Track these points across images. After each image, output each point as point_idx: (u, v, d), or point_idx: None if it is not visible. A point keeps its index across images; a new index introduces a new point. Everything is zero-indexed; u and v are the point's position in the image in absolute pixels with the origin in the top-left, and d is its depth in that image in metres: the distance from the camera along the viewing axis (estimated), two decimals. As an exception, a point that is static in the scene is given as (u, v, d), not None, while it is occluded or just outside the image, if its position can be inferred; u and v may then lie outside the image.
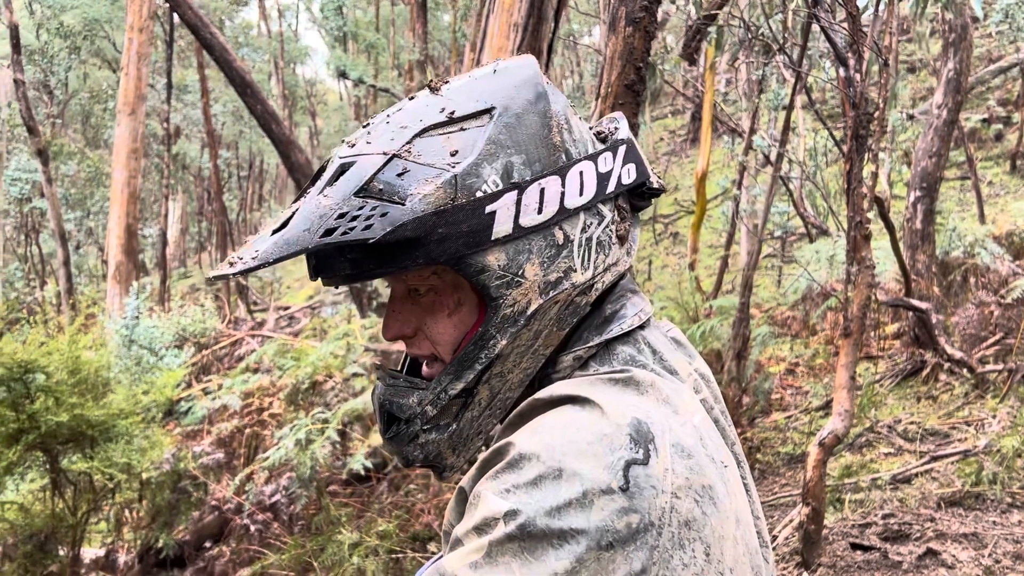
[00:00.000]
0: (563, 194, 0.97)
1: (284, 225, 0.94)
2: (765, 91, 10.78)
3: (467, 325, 1.01)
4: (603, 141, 1.06)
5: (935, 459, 5.33)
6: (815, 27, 6.14)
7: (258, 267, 0.93)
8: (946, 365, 6.47)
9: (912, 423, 5.99)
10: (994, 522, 4.43)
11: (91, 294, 15.55)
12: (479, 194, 0.94)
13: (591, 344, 1.02)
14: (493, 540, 0.84)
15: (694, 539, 0.88)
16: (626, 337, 1.04)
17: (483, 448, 1.06)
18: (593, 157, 1.00)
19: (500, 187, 0.95)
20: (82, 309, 9.94)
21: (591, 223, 1.00)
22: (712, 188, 14.47)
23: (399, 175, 0.94)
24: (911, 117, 13.10)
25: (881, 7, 4.71)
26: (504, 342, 0.98)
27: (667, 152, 20.34)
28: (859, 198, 4.37)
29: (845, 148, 4.59)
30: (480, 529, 0.86)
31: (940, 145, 6.82)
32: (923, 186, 6.89)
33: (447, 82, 1.05)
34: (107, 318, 11.12)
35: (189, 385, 9.70)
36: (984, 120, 14.13)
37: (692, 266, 9.54)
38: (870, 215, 4.55)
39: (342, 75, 15.35)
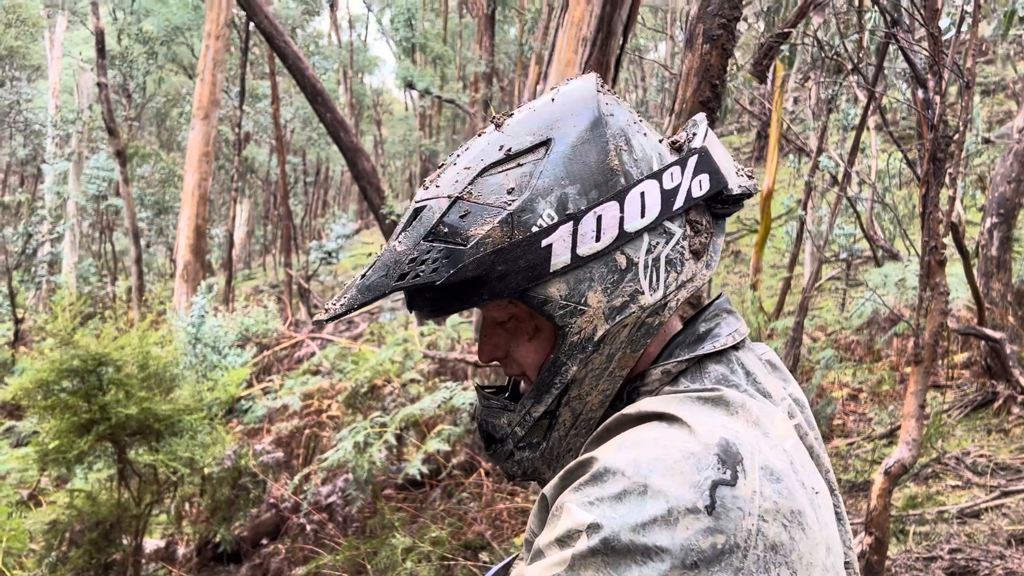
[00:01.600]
0: (622, 219, 0.97)
1: (369, 268, 1.01)
2: (835, 110, 10.60)
3: (547, 349, 1.03)
4: (679, 151, 1.05)
5: (1006, 494, 5.15)
6: (891, 47, 6.02)
7: (346, 312, 1.01)
8: (1019, 398, 6.25)
9: (982, 456, 5.80)
10: (1069, 563, 4.27)
11: (160, 292, 15.99)
12: (535, 229, 0.95)
13: (682, 359, 1.02)
14: (576, 554, 0.84)
15: (780, 563, 0.87)
16: (719, 356, 1.04)
17: None
18: (657, 175, 0.99)
19: (555, 220, 0.95)
20: (153, 306, 10.24)
21: (657, 243, 0.99)
22: (777, 207, 14.28)
23: (462, 217, 0.97)
24: (987, 141, 12.71)
25: (964, 27, 4.59)
26: (575, 368, 1.00)
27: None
28: (935, 222, 4.27)
29: (920, 171, 4.49)
30: (563, 541, 0.86)
31: (1020, 171, 6.61)
32: (1000, 212, 6.69)
33: (512, 115, 1.06)
34: (175, 316, 11.41)
35: (251, 385, 9.90)
36: (1065, 146, 13.66)
37: (755, 286, 9.41)
38: (945, 240, 4.44)
39: (409, 85, 15.55)
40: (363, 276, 1.01)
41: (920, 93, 4.41)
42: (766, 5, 7.11)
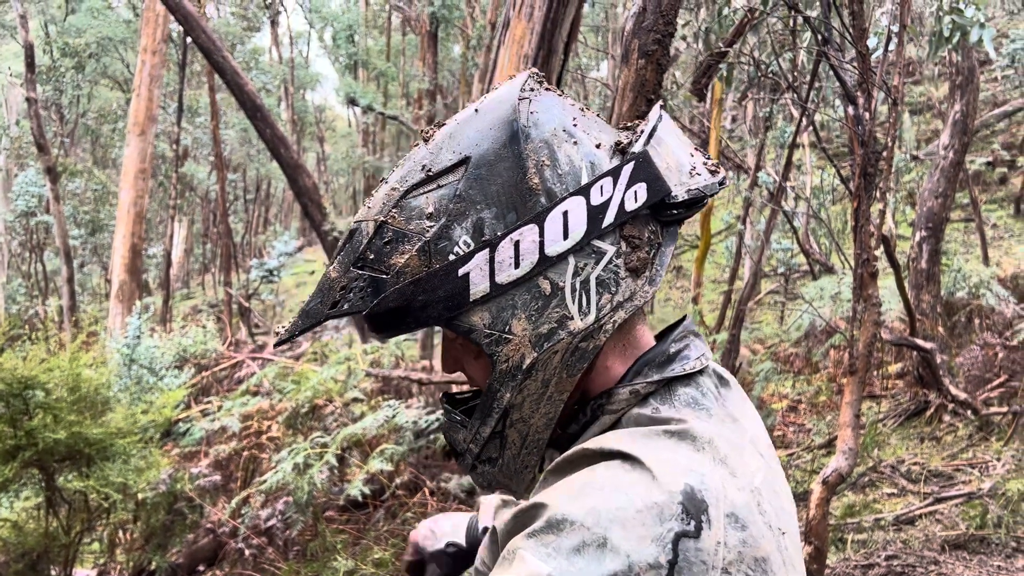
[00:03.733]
0: (542, 243, 0.91)
1: (310, 297, 0.99)
2: (771, 128, 10.85)
3: (486, 371, 1.00)
4: (623, 153, 0.96)
5: (939, 500, 5.28)
6: (824, 66, 6.18)
7: (290, 338, 1.00)
8: (950, 406, 6.43)
9: (915, 464, 5.94)
10: (999, 567, 4.37)
11: (93, 312, 15.55)
12: (451, 257, 0.92)
13: (652, 380, 0.97)
14: None
15: None
16: (687, 379, 0.99)
17: (536, 479, 1.05)
18: (584, 190, 0.92)
19: (471, 247, 0.92)
20: (84, 327, 9.94)
21: (585, 264, 0.93)
22: (716, 224, 14.52)
23: (386, 243, 0.95)
24: (916, 158, 13.16)
25: (891, 47, 4.72)
26: (508, 395, 0.97)
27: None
28: (867, 236, 4.37)
29: (852, 186, 4.60)
30: None
31: (946, 186, 6.84)
32: (929, 226, 6.90)
33: (443, 125, 1.01)
34: (109, 337, 11.12)
35: (188, 406, 9.68)
36: (988, 163, 14.20)
37: (696, 300, 9.54)
38: (877, 253, 4.55)
39: (351, 102, 15.47)
40: (306, 302, 0.99)
41: (851, 110, 4.52)
42: (704, 25, 7.26)
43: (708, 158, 1.00)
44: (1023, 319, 6.62)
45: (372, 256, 0.95)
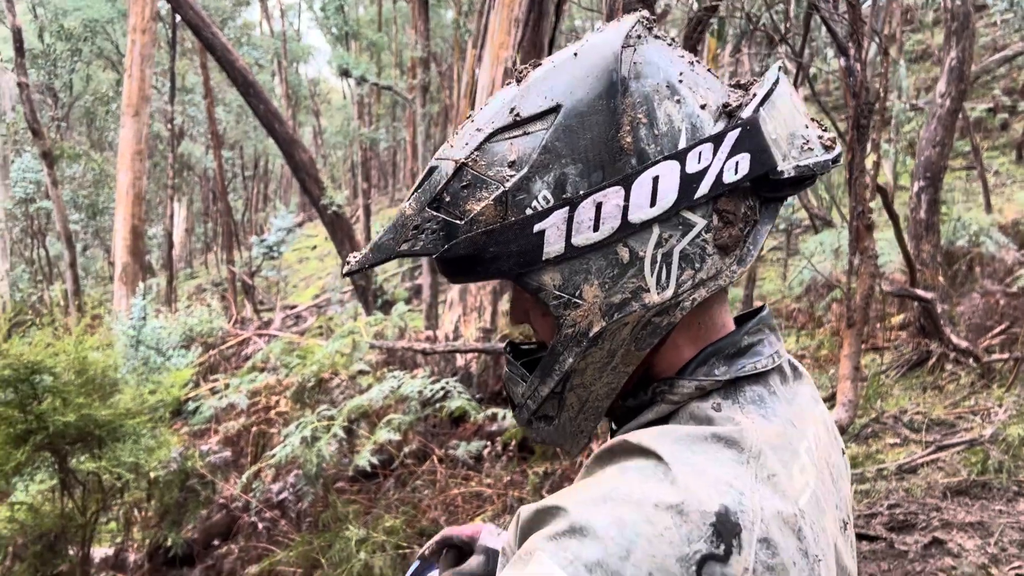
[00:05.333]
0: (626, 208, 0.84)
1: (384, 230, 0.95)
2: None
3: (551, 328, 0.95)
4: (730, 117, 0.88)
5: (941, 449, 5.33)
6: (817, 17, 6.12)
7: (359, 269, 0.95)
8: (952, 355, 6.45)
9: (918, 413, 5.98)
10: (1000, 511, 4.43)
11: (97, 295, 15.63)
12: (528, 212, 0.86)
13: (717, 378, 0.92)
14: None
15: None
16: (756, 376, 0.94)
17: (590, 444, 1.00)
18: (680, 155, 0.85)
19: (551, 204, 0.86)
20: (88, 310, 10.00)
21: (671, 235, 0.86)
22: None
23: (464, 187, 0.90)
24: (915, 107, 13.04)
25: (881, -4, 4.73)
26: (571, 360, 0.92)
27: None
28: (861, 188, 4.37)
29: (847, 138, 4.59)
30: None
31: (944, 134, 6.79)
32: (927, 176, 6.87)
33: (539, 65, 0.94)
34: (114, 319, 11.17)
35: (197, 385, 9.76)
36: (990, 109, 14.07)
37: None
38: (873, 205, 4.55)
39: (344, 73, 15.35)
40: (379, 235, 0.95)
41: (842, 62, 4.50)
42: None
43: (825, 130, 0.93)
44: (1023, 265, 6.61)
45: (448, 198, 0.90)
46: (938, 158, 6.83)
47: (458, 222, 0.88)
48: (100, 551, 6.81)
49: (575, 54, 0.89)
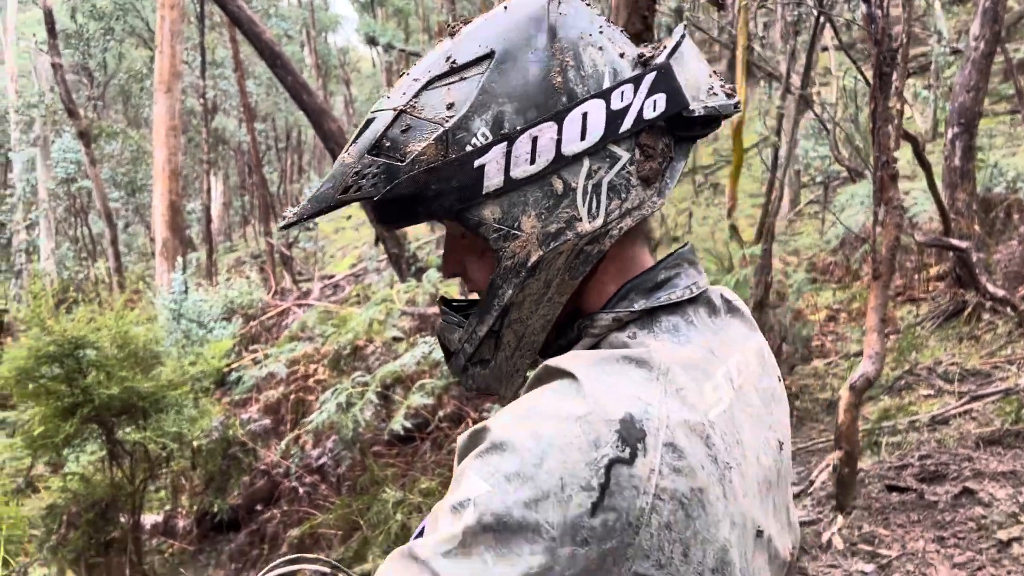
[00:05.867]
0: (559, 141, 0.91)
1: (322, 182, 0.97)
2: (800, 32, 10.52)
3: (488, 270, 1.00)
4: (644, 66, 0.95)
5: (975, 399, 5.28)
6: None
7: (297, 220, 0.97)
8: (988, 304, 6.36)
9: (953, 364, 5.92)
10: (1033, 460, 4.40)
11: (140, 271, 15.96)
12: (468, 148, 0.91)
13: (634, 310, 0.98)
14: (467, 528, 0.82)
15: (674, 540, 0.85)
16: (674, 307, 0.99)
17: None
18: (605, 94, 0.92)
19: (489, 140, 0.91)
20: (128, 286, 10.25)
21: (599, 167, 0.93)
22: (752, 136, 14.25)
23: (403, 131, 0.94)
24: (956, 51, 12.65)
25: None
26: (511, 292, 0.97)
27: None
28: (885, 137, 4.31)
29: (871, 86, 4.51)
30: (457, 508, 0.84)
31: (978, 78, 6.62)
32: (961, 122, 6.72)
33: (467, 22, 1.01)
34: (156, 294, 11.42)
35: (239, 355, 9.96)
36: (1034, 50, 13.61)
37: (729, 213, 9.44)
38: (897, 154, 4.49)
39: (371, 41, 15.35)
40: (317, 187, 0.98)
41: (864, 8, 4.41)
42: (718, -70, 7.05)
43: (725, 82, 1.00)
44: (1062, 210, 6.47)
45: (388, 144, 0.94)
46: (972, 103, 6.67)
47: (399, 164, 0.93)
48: (150, 518, 7.05)
49: (505, 8, 0.96)
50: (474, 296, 1.11)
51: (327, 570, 1.19)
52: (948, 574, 3.43)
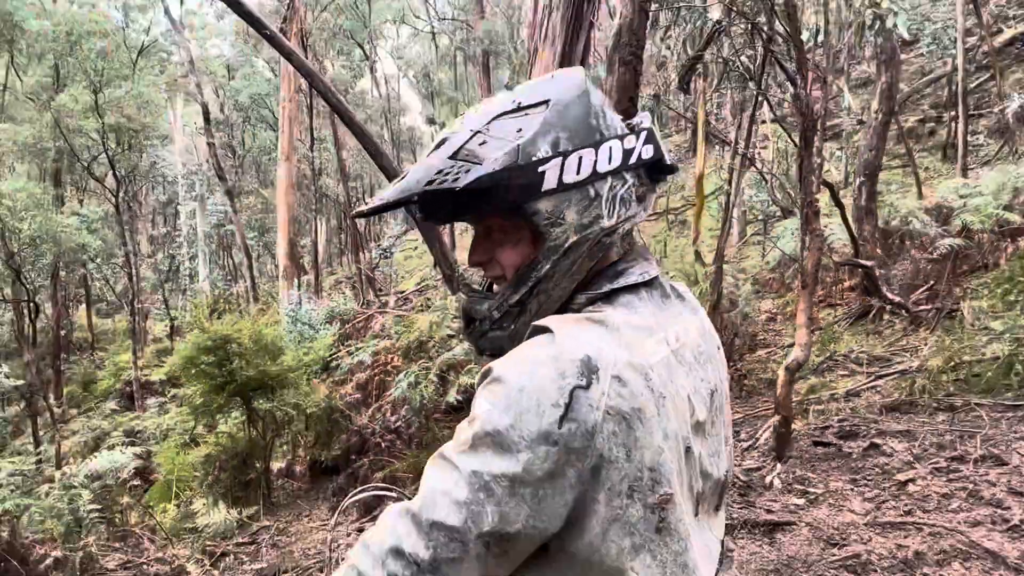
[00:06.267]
0: (596, 162, 0.96)
1: (403, 177, 0.97)
2: (746, 109, 10.44)
3: (524, 255, 1.00)
4: (632, 130, 1.01)
5: (879, 378, 5.18)
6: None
7: (383, 208, 0.98)
8: (888, 308, 6.24)
9: (862, 352, 5.81)
10: (923, 422, 4.30)
11: (267, 289, 16.16)
12: (534, 159, 0.94)
13: (600, 292, 1.00)
14: (475, 435, 0.85)
15: (619, 445, 0.87)
16: (633, 288, 1.01)
17: None
18: (621, 137, 0.98)
19: (550, 154, 0.94)
20: (261, 300, 10.38)
21: (617, 184, 0.98)
22: (710, 186, 14.10)
23: (480, 144, 0.95)
24: (861, 122, 12.46)
25: (820, 38, 4.55)
26: (548, 266, 0.98)
27: (675, 160, 19.86)
28: (809, 184, 4.26)
29: (798, 147, 4.46)
30: (470, 422, 0.87)
31: (878, 141, 6.52)
32: (866, 173, 6.62)
33: (519, 83, 1.06)
34: (279, 305, 11.56)
35: (337, 349, 10.05)
36: (920, 120, 13.37)
37: (694, 242, 9.37)
38: (819, 197, 4.42)
39: (430, 121, 15.50)
40: (399, 180, 0.98)
41: (792, 90, 4.37)
42: (684, 37, 7.02)
43: (669, 152, 1.05)
44: (943, 237, 6.32)
45: (466, 152, 0.96)
46: (874, 159, 6.57)
47: (478, 164, 0.94)
48: (276, 464, 7.12)
49: (552, 76, 1.00)
50: (478, 286, 1.13)
51: (394, 495, 1.22)
52: (859, 505, 3.36)
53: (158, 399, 10.68)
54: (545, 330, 0.92)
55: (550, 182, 0.94)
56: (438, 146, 0.99)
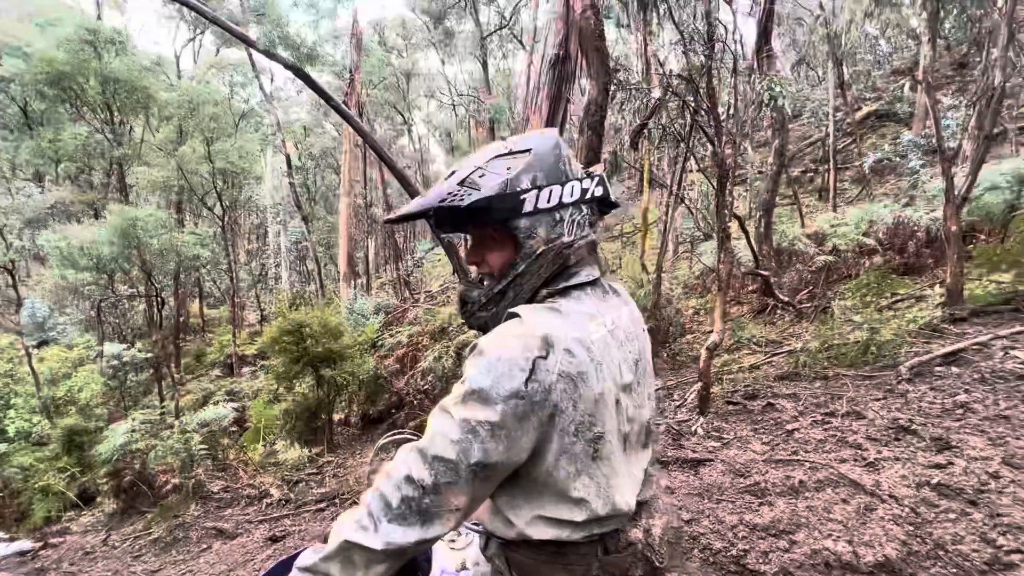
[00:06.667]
0: (562, 195, 0.97)
1: (423, 196, 1.01)
2: (678, 162, 10.45)
3: (507, 257, 1.02)
4: (588, 175, 1.02)
5: (774, 355, 5.18)
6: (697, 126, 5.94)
7: (407, 217, 1.00)
8: (779, 305, 6.24)
9: (762, 337, 5.81)
10: (805, 388, 4.30)
11: (332, 289, 16.08)
12: (518, 189, 0.96)
13: (557, 288, 1.00)
14: (465, 392, 0.88)
15: (569, 398, 0.90)
16: (579, 286, 1.02)
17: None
18: (580, 179, 0.99)
19: (529, 187, 0.96)
20: (327, 297, 10.30)
21: (575, 213, 0.98)
22: (652, 216, 14.07)
23: (480, 176, 0.98)
24: (761, 172, 12.49)
25: (731, 111, 4.59)
26: (523, 267, 0.99)
27: (628, 198, 19.87)
28: (724, 216, 4.27)
29: (714, 189, 4.47)
30: (461, 383, 0.90)
31: (772, 185, 6.53)
32: (764, 208, 6.62)
33: (511, 135, 1.07)
34: (340, 300, 11.50)
35: (382, 333, 10.01)
36: (804, 171, 13.40)
37: (641, 257, 9.35)
38: (730, 225, 4.43)
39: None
40: (420, 198, 1.00)
41: (711, 148, 4.38)
42: (633, 108, 7.01)
43: (622, 192, 1.09)
44: (819, 255, 6.32)
45: (470, 181, 0.98)
46: (769, 198, 6.57)
47: (478, 191, 0.97)
48: (336, 416, 7.08)
49: (540, 133, 1.03)
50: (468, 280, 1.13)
51: (414, 437, 1.24)
52: (759, 447, 3.35)
53: (250, 368, 10.61)
54: (516, 315, 0.94)
55: (528, 206, 0.96)
56: (448, 176, 1.01)
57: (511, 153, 1.00)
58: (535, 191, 0.97)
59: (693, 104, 4.54)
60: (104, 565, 4.06)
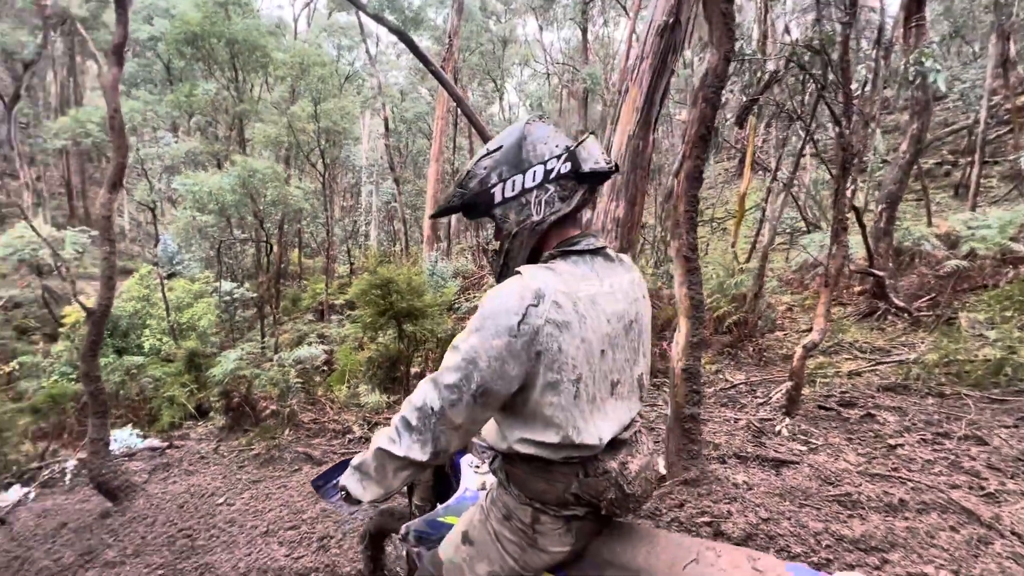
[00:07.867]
0: (524, 181, 1.08)
1: (445, 197, 1.18)
2: (787, 144, 9.53)
3: (500, 238, 1.17)
4: (559, 155, 1.09)
5: (879, 363, 4.72)
6: (821, 103, 5.35)
7: (435, 216, 1.21)
8: (892, 311, 5.62)
9: (866, 343, 5.30)
10: (914, 403, 3.89)
11: (416, 250, 16.79)
12: (488, 185, 1.11)
13: (557, 252, 1.12)
14: (471, 329, 1.03)
15: (554, 340, 1.02)
16: (578, 252, 1.12)
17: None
18: (544, 162, 1.08)
19: (497, 181, 1.10)
20: (412, 257, 10.78)
21: (541, 193, 1.08)
22: (749, 203, 13.08)
23: (469, 178, 1.14)
24: (885, 161, 11.07)
25: (867, 88, 4.03)
26: (507, 245, 1.13)
27: (724, 181, 18.54)
28: (842, 205, 3.87)
29: (835, 176, 4.05)
30: (471, 322, 1.04)
31: (902, 176, 5.79)
32: (888, 201, 5.91)
33: (497, 134, 1.20)
34: (423, 261, 11.98)
35: (460, 295, 10.33)
36: (938, 163, 11.71)
37: (733, 245, 8.80)
38: (848, 216, 4.01)
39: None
40: (443, 199, 1.18)
41: (836, 130, 3.94)
42: (743, 82, 6.47)
43: (610, 160, 1.13)
44: (949, 259, 5.57)
45: (465, 182, 1.14)
46: (896, 191, 5.84)
47: (466, 192, 1.14)
48: (414, 369, 7.48)
49: (507, 129, 1.14)
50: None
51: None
52: (853, 457, 3.11)
53: (339, 316, 11.47)
54: (518, 273, 1.08)
55: (499, 197, 1.11)
56: (456, 176, 1.18)
57: (489, 154, 1.12)
58: (501, 184, 1.09)
59: (820, 79, 4.09)
60: (215, 470, 4.70)
